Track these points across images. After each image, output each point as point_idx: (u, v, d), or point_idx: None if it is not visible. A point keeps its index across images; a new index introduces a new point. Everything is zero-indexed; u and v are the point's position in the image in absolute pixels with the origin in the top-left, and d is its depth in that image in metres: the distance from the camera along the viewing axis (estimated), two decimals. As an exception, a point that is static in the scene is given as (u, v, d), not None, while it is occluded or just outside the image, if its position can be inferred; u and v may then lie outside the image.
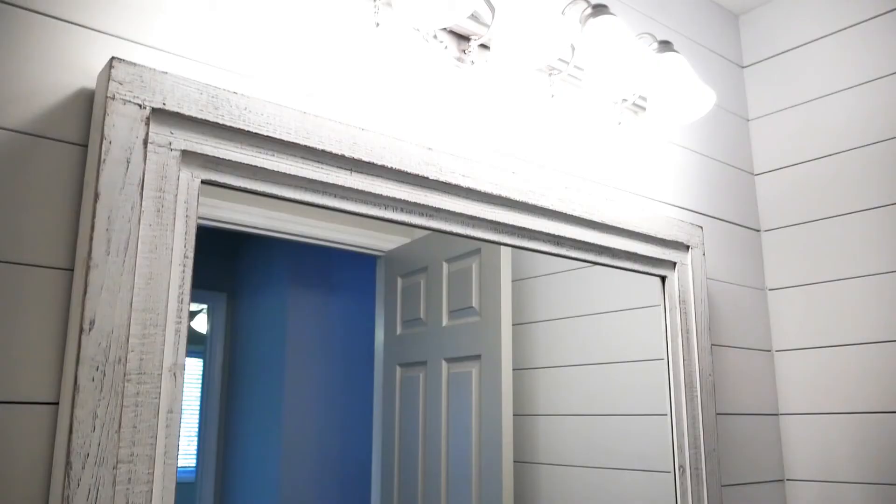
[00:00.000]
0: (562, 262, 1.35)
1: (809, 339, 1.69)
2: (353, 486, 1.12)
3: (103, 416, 0.72)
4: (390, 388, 1.17)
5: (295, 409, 1.07)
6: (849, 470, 1.60)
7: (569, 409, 1.34)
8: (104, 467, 0.71)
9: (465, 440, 1.20)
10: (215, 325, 1.02)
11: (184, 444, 0.93)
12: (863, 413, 1.59)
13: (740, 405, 1.63)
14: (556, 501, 1.28)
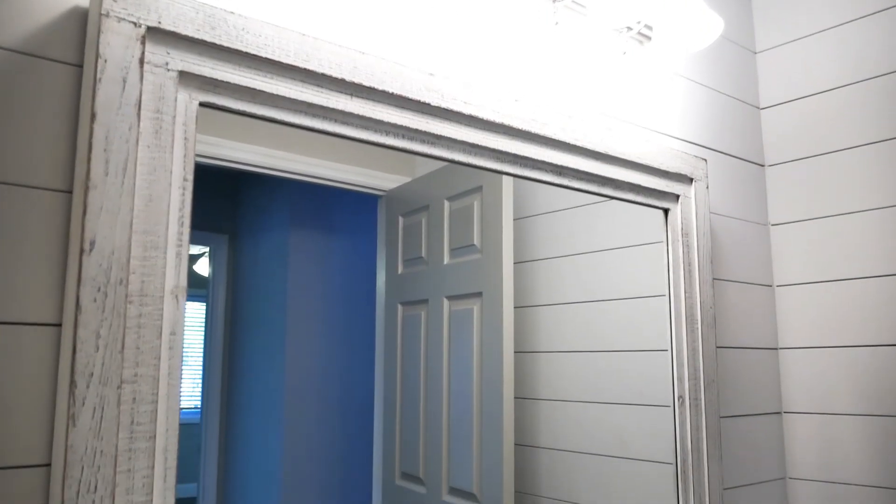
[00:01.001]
0: (564, 200, 1.34)
1: (810, 273, 1.70)
2: (355, 423, 1.13)
3: (106, 336, 0.72)
4: (392, 327, 1.17)
5: (297, 350, 1.08)
6: (847, 403, 1.62)
7: (570, 346, 1.35)
8: (108, 387, 0.72)
9: (466, 377, 1.21)
10: (217, 268, 1.02)
11: (188, 385, 0.94)
12: (862, 346, 1.60)
13: (740, 339, 1.64)
14: (557, 436, 1.30)
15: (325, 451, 1.08)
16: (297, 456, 1.05)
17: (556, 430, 1.30)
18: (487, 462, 1.19)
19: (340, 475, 1.10)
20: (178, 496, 0.81)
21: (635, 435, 1.37)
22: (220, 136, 0.92)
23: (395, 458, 1.16)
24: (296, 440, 1.05)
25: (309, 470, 1.06)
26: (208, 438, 0.96)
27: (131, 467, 0.73)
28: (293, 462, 1.04)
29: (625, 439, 1.37)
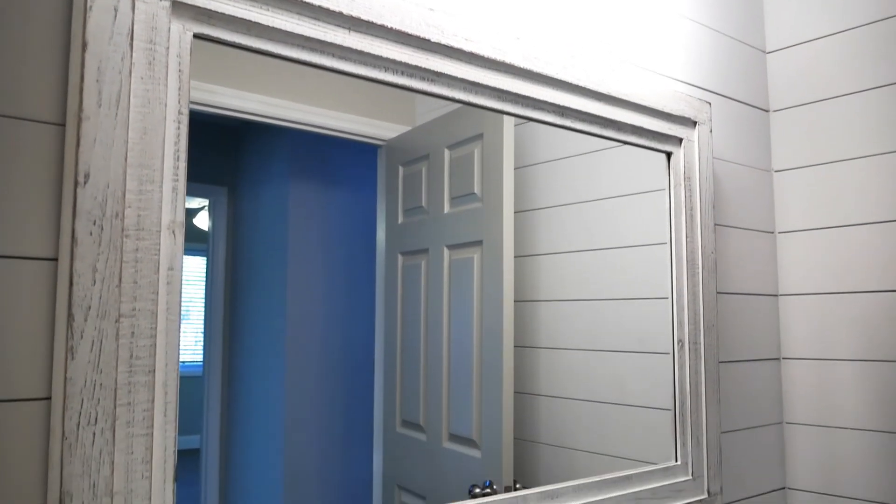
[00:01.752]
0: (565, 148, 1.32)
1: (812, 220, 1.69)
2: (356, 372, 1.13)
3: (103, 270, 0.72)
4: (392, 277, 1.17)
5: (298, 301, 1.08)
6: (845, 349, 1.62)
7: (570, 295, 1.34)
8: (106, 320, 0.71)
9: (467, 326, 1.21)
10: (217, 222, 1.01)
11: (190, 340, 0.94)
12: (862, 293, 1.60)
13: (740, 285, 1.64)
14: (556, 384, 1.30)
15: (326, 400, 1.09)
16: (299, 406, 1.06)
17: (555, 378, 1.30)
18: (487, 409, 1.20)
19: (342, 424, 1.11)
20: (181, 448, 0.81)
21: (634, 382, 1.38)
22: (217, 83, 0.91)
23: (395, 407, 1.16)
24: (297, 390, 1.06)
25: (311, 419, 1.07)
26: (210, 391, 0.96)
27: (131, 401, 0.73)
28: (295, 412, 1.05)
29: (624, 386, 1.38)
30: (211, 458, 0.99)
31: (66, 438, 0.69)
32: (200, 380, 0.95)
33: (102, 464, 0.71)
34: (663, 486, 1.30)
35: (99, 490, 0.71)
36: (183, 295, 0.78)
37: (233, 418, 0.99)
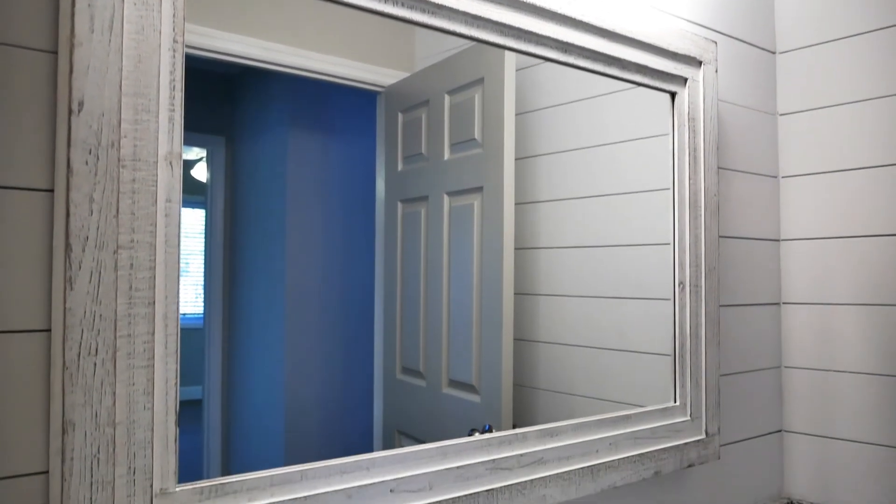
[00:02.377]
0: (567, 94, 1.30)
1: (816, 164, 1.67)
2: (356, 320, 1.14)
3: (100, 200, 0.71)
4: (392, 225, 1.17)
5: (298, 252, 1.07)
6: (846, 293, 1.62)
7: (570, 242, 1.34)
8: (105, 251, 0.71)
9: (466, 273, 1.21)
10: (215, 173, 1.00)
11: (191, 292, 0.93)
12: (864, 237, 1.59)
13: (742, 229, 1.63)
14: (556, 331, 1.31)
15: (326, 348, 1.09)
16: (300, 354, 1.06)
17: (554, 325, 1.31)
18: (487, 356, 1.20)
19: (342, 371, 1.11)
20: (183, 399, 0.81)
21: (634, 328, 1.38)
22: (214, 27, 0.89)
23: (395, 354, 1.17)
24: (298, 339, 1.06)
25: (311, 368, 1.07)
26: (211, 343, 0.96)
27: (131, 332, 0.73)
28: (295, 360, 1.06)
29: (624, 332, 1.38)
30: (213, 407, 1.00)
31: (67, 368, 0.69)
32: (201, 332, 0.95)
33: (104, 394, 0.71)
34: (662, 425, 1.31)
35: (101, 420, 0.71)
36: (182, 248, 0.78)
37: (234, 368, 0.99)
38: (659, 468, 1.29)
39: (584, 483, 1.16)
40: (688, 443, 1.35)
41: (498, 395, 1.21)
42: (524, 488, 1.07)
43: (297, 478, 0.86)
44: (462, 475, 1.01)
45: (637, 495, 1.36)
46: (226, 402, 1.00)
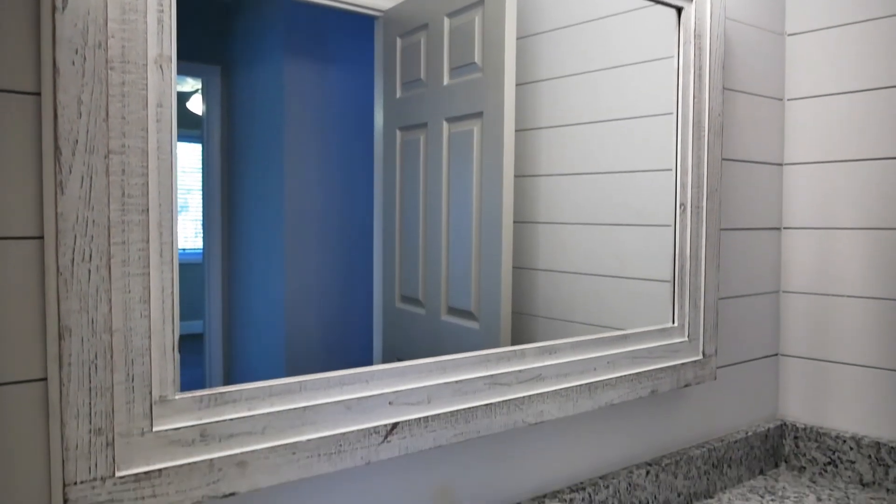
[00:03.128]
0: (569, 16, 1.27)
1: (823, 86, 1.64)
2: (356, 251, 1.13)
3: (88, 102, 0.69)
4: (391, 154, 1.15)
5: (296, 183, 1.06)
6: (847, 217, 1.61)
7: (571, 169, 1.32)
8: (95, 155, 0.69)
9: (466, 201, 1.20)
10: (211, 104, 0.97)
11: (190, 228, 0.92)
12: (868, 160, 1.57)
13: (745, 152, 1.61)
14: (555, 258, 1.30)
15: (326, 278, 1.09)
16: (299, 285, 1.06)
17: (554, 253, 1.30)
18: (486, 283, 1.20)
19: (342, 301, 1.11)
20: (185, 333, 0.81)
21: (633, 255, 1.38)
22: None
23: (395, 283, 1.17)
24: (297, 270, 1.05)
25: (311, 300, 1.07)
26: (211, 277, 0.96)
27: (125, 239, 0.72)
28: (295, 291, 1.05)
29: (623, 259, 1.37)
30: (214, 340, 1.00)
31: (62, 274, 0.68)
32: (201, 266, 0.94)
33: (100, 301, 0.70)
34: (659, 345, 1.32)
35: (98, 326, 0.70)
36: (181, 184, 0.76)
37: (234, 302, 0.99)
38: (656, 387, 1.30)
39: (582, 400, 1.17)
40: (685, 363, 1.36)
41: (497, 321, 1.21)
42: (522, 404, 1.08)
43: (297, 388, 0.86)
44: (460, 389, 1.01)
45: (633, 413, 1.38)
46: (226, 335, 1.00)
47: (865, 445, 1.57)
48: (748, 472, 1.61)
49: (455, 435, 1.00)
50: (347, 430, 0.89)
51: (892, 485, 1.53)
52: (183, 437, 0.77)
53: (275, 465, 0.83)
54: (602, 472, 1.33)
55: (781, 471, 1.68)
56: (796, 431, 1.67)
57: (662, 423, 1.44)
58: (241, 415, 0.81)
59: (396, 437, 0.94)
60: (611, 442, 1.34)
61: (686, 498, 1.44)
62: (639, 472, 1.34)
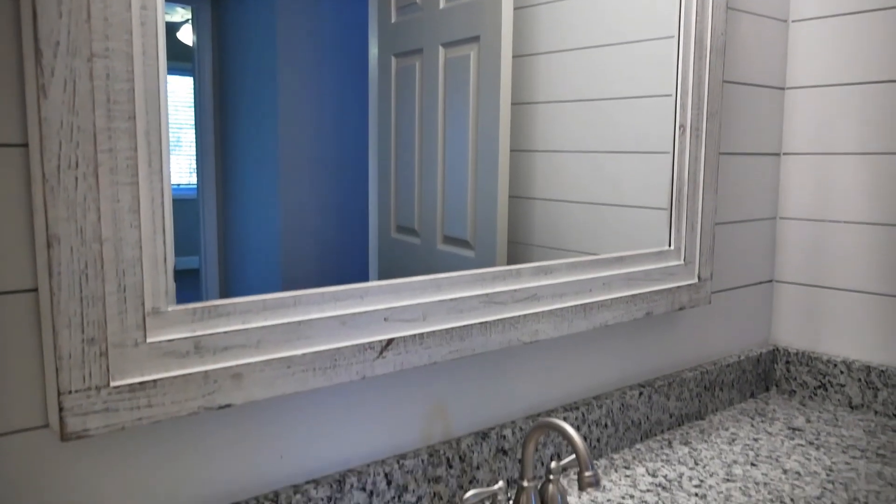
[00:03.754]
0: None
1: (828, 7, 1.60)
2: (351, 181, 1.12)
3: (68, 2, 0.66)
4: (385, 81, 1.13)
5: (290, 114, 1.03)
6: (846, 142, 1.59)
7: (569, 95, 1.30)
8: (78, 58, 0.67)
9: (462, 128, 1.18)
10: (201, 35, 0.94)
11: (183, 163, 0.90)
12: (868, 83, 1.54)
13: (747, 75, 1.58)
14: (552, 185, 1.29)
15: (321, 210, 1.08)
16: (295, 220, 1.04)
17: (551, 182, 1.29)
18: (482, 212, 1.19)
19: (337, 234, 1.10)
20: (180, 268, 0.81)
21: (631, 183, 1.37)
22: None
23: (390, 213, 1.16)
24: (292, 204, 1.04)
25: (307, 232, 1.06)
26: (206, 213, 0.94)
27: (113, 147, 0.70)
28: (290, 222, 1.04)
29: (620, 187, 1.36)
30: (210, 276, 0.99)
31: (48, 181, 0.67)
32: (195, 202, 0.92)
33: (88, 210, 0.69)
34: (655, 268, 1.32)
35: (87, 236, 0.69)
36: (173, 120, 0.74)
37: (229, 236, 0.98)
38: (650, 309, 1.31)
39: (577, 320, 1.18)
40: (680, 286, 1.36)
41: (492, 250, 1.21)
42: (517, 322, 1.08)
43: (291, 303, 0.86)
44: (456, 307, 1.01)
45: (628, 335, 1.39)
46: (222, 270, 0.99)
47: (856, 369, 1.59)
48: (739, 396, 1.63)
49: (450, 352, 1.00)
50: (342, 345, 0.89)
51: (881, 407, 1.55)
52: (177, 349, 0.77)
53: (270, 379, 0.83)
54: (596, 392, 1.34)
55: (772, 394, 1.70)
56: (788, 356, 1.69)
57: (656, 345, 1.46)
58: (235, 328, 0.81)
59: (391, 353, 0.94)
60: (605, 363, 1.35)
61: (678, 419, 1.47)
62: (632, 393, 1.36)
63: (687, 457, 1.32)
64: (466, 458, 1.09)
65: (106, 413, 0.72)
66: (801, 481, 1.23)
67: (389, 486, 1.01)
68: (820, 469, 1.28)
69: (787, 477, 1.24)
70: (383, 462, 1.02)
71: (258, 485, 0.92)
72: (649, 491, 1.18)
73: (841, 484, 1.22)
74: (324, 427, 0.97)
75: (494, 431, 1.14)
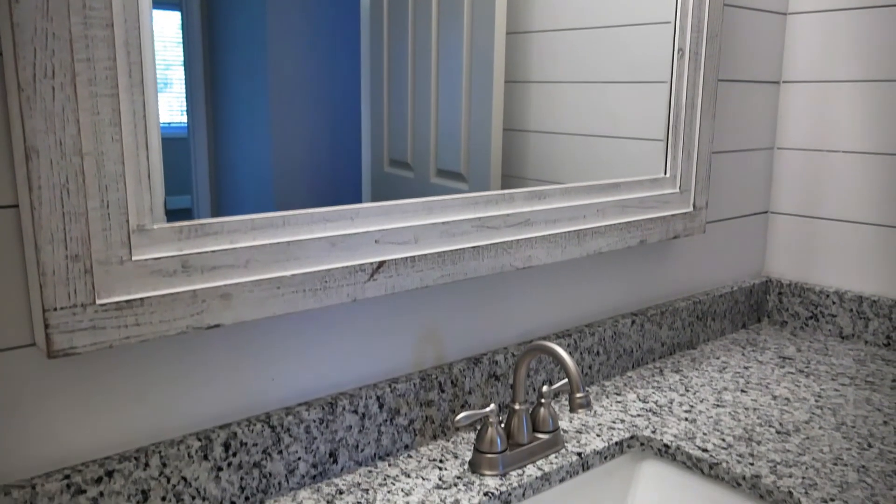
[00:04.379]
0: None
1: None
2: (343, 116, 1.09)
3: None
4: (377, 10, 1.09)
5: (280, 48, 1.00)
6: (847, 69, 1.56)
7: (566, 24, 1.26)
8: (50, -40, 0.64)
9: (456, 60, 1.15)
10: None
11: (174, 102, 0.86)
12: (870, 8, 1.51)
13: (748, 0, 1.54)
14: (547, 119, 1.27)
15: (313, 148, 1.05)
16: (287, 156, 1.02)
17: (546, 114, 1.27)
18: (476, 145, 1.18)
19: (330, 169, 1.08)
20: (172, 208, 0.79)
21: (628, 114, 1.34)
22: None
23: (383, 147, 1.14)
24: (284, 141, 1.01)
25: (299, 169, 1.03)
26: (197, 151, 0.91)
27: (90, 56, 0.67)
28: (283, 163, 1.01)
29: (616, 118, 1.34)
30: (203, 214, 0.97)
31: (24, 91, 0.64)
32: (185, 141, 0.90)
33: (67, 122, 0.67)
34: (650, 195, 1.30)
35: (67, 148, 0.67)
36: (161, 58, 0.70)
37: (221, 175, 0.95)
38: (644, 237, 1.30)
39: (570, 247, 1.17)
40: (675, 214, 1.35)
41: (486, 183, 1.19)
42: (510, 247, 1.07)
43: (280, 223, 0.84)
44: (448, 231, 1.00)
45: (621, 263, 1.38)
46: (214, 207, 0.97)
47: (848, 300, 1.59)
48: (731, 326, 1.63)
49: (442, 276, 0.99)
50: (332, 267, 0.88)
51: (871, 337, 1.56)
52: (164, 268, 0.75)
53: (259, 299, 0.82)
54: (588, 320, 1.34)
55: (764, 325, 1.71)
56: (781, 287, 1.69)
57: (649, 274, 1.45)
58: (222, 247, 0.79)
59: (383, 276, 0.93)
60: (598, 291, 1.35)
61: (669, 348, 1.47)
62: (624, 322, 1.36)
63: (678, 384, 1.33)
64: (458, 382, 1.10)
65: (93, 331, 0.71)
66: (790, 406, 1.24)
67: (381, 409, 1.01)
68: (809, 395, 1.29)
69: (776, 402, 1.25)
70: (375, 386, 1.02)
71: (250, 407, 0.92)
72: (640, 416, 1.19)
73: (829, 409, 1.23)
74: (315, 350, 0.97)
75: (487, 357, 1.14)
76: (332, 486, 0.95)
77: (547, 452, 1.05)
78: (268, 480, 0.91)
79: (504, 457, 1.00)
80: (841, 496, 0.95)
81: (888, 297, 1.55)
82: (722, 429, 1.14)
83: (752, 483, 1.00)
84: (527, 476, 0.99)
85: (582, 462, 1.05)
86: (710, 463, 1.04)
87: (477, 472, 0.99)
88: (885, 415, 1.21)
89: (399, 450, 1.04)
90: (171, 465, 0.83)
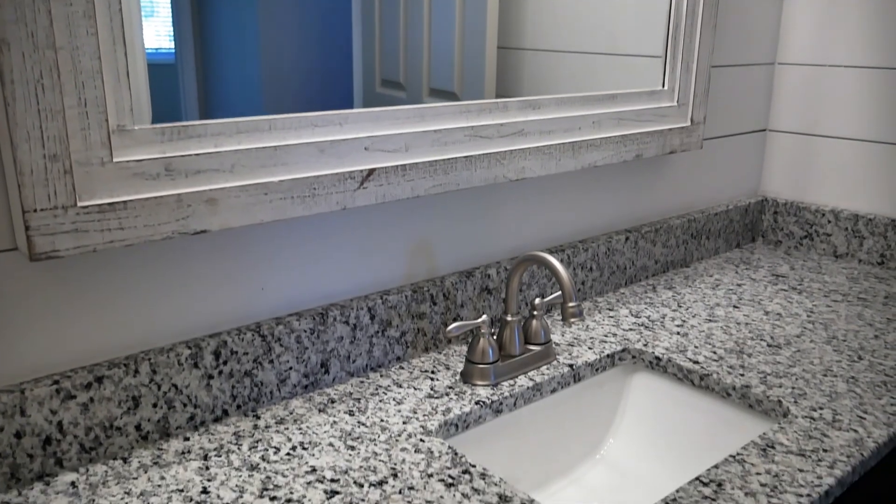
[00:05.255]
0: None
1: None
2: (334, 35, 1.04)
3: None
4: None
5: None
6: (845, 50, 1.51)
7: None
8: None
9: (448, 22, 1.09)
10: None
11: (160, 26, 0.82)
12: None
13: None
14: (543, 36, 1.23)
15: (304, 69, 1.01)
16: (276, 79, 0.98)
17: (541, 30, 1.22)
18: (469, 63, 1.14)
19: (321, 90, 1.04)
20: None
21: (626, 29, 1.29)
22: None
23: (374, 67, 1.10)
24: (274, 64, 0.97)
25: (290, 91, 0.99)
26: (185, 77, 0.87)
27: (60, -55, 0.64)
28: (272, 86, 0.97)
29: (614, 34, 1.29)
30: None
31: (-10, -23, 0.61)
32: (173, 67, 0.86)
33: (38, 12, 0.64)
34: (647, 108, 1.27)
35: (39, 41, 0.64)
36: None
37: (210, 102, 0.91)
38: (640, 151, 1.27)
39: (565, 159, 1.14)
40: (672, 129, 1.32)
41: (480, 101, 1.16)
42: (503, 158, 1.05)
43: (266, 127, 0.82)
44: (439, 139, 0.98)
45: (616, 177, 1.36)
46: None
47: (843, 218, 1.58)
48: (725, 245, 1.63)
49: (433, 186, 0.97)
50: (321, 174, 0.86)
51: (865, 255, 1.56)
52: (146, 170, 0.73)
53: (246, 205, 0.80)
54: (581, 235, 1.33)
55: (758, 244, 1.71)
56: (776, 206, 1.68)
57: (645, 190, 1.43)
58: (207, 150, 0.77)
59: (373, 184, 0.91)
60: (592, 206, 1.33)
61: (663, 266, 1.47)
62: (618, 238, 1.35)
63: (670, 300, 1.33)
64: (451, 295, 1.09)
65: (76, 234, 0.70)
66: (781, 321, 1.24)
67: (373, 320, 1.01)
68: (801, 311, 1.29)
69: (768, 318, 1.26)
70: (366, 297, 1.01)
71: (239, 316, 0.91)
72: (632, 330, 1.19)
73: (821, 324, 1.23)
74: (305, 259, 0.96)
75: (479, 270, 1.13)
76: (323, 396, 0.96)
77: (539, 364, 1.05)
78: (259, 389, 0.91)
79: (496, 367, 1.00)
80: (830, 405, 0.96)
81: (884, 215, 1.54)
82: (713, 342, 1.15)
83: (741, 393, 1.01)
84: (518, 386, 1.00)
85: (573, 374, 1.06)
86: (700, 374, 1.05)
87: (468, 382, 1.00)
88: (877, 329, 1.21)
89: (391, 361, 1.04)
90: (161, 373, 0.83)
